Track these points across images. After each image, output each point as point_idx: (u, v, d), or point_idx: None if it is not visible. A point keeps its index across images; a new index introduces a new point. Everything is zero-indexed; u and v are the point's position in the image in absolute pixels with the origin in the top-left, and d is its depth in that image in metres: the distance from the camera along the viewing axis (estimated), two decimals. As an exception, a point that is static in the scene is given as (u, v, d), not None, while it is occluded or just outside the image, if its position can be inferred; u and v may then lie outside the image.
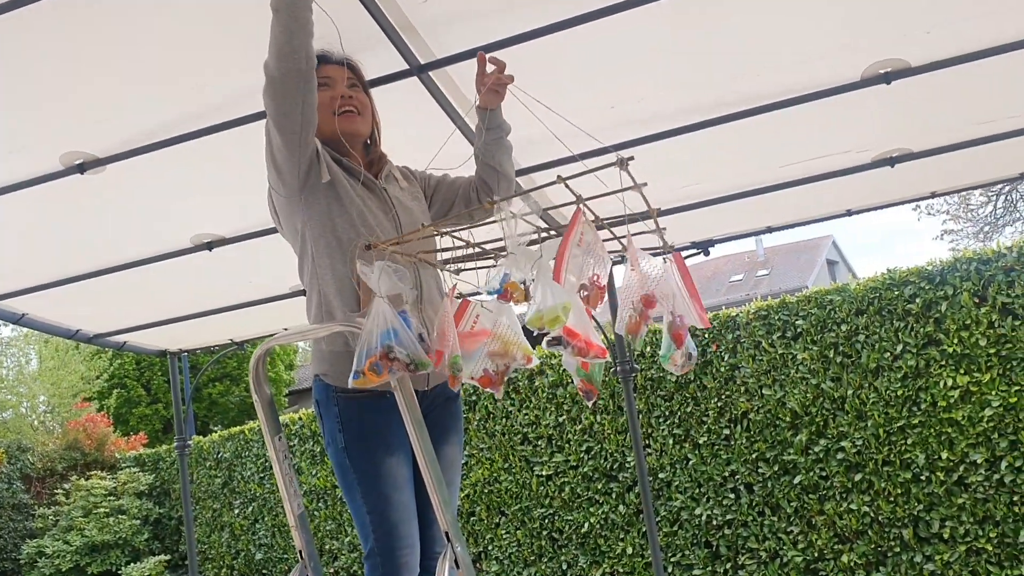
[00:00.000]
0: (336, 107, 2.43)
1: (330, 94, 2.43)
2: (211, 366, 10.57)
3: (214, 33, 2.46)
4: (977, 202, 18.54)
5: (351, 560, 8.56)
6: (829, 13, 2.63)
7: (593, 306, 2.06)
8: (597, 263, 2.04)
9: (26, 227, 3.51)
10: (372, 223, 2.37)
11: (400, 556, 2.37)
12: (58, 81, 2.54)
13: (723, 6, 2.56)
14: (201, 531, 10.13)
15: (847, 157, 3.58)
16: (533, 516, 7.22)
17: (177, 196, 3.39)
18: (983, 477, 5.26)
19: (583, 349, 2.10)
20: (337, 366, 2.40)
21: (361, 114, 2.48)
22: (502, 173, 2.62)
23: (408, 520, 2.39)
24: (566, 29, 2.50)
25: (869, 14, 2.65)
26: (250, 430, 9.84)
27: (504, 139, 2.59)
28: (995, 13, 2.66)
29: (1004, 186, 17.40)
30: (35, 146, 2.87)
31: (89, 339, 4.79)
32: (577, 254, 1.98)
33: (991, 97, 3.24)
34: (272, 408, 2.41)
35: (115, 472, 12.18)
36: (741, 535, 6.20)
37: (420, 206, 2.58)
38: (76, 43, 2.40)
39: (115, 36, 2.39)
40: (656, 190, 3.82)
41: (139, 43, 2.44)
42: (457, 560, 2.19)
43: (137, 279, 3.98)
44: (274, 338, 2.36)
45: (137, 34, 2.40)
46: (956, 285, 5.41)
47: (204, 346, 5.65)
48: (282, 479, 2.41)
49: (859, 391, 5.71)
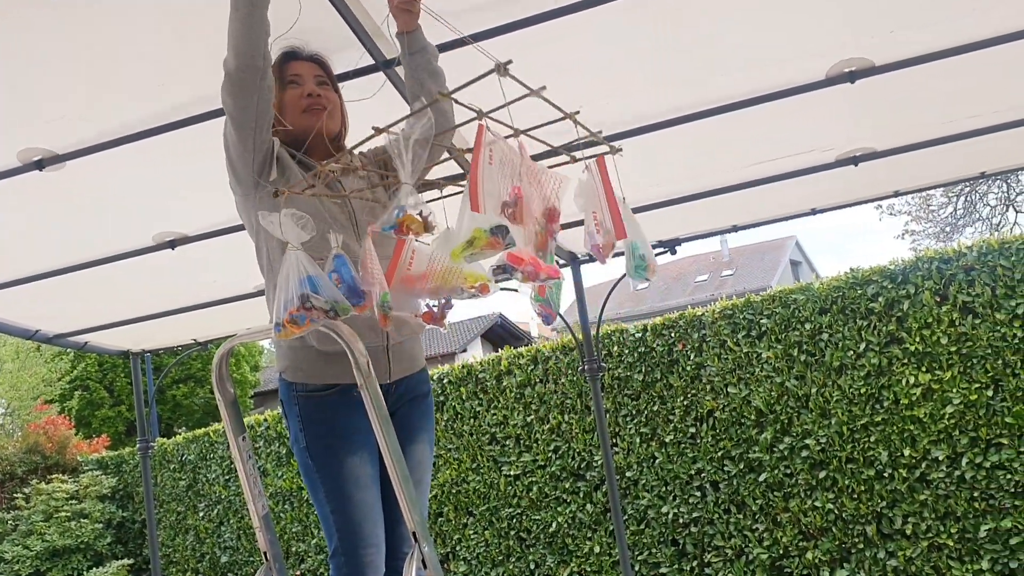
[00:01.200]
0: (304, 105, 2.41)
1: (299, 92, 2.41)
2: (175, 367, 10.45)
3: (175, 32, 2.43)
4: (938, 203, 18.82)
5: (318, 562, 8.50)
6: (796, 14, 2.65)
7: (521, 222, 1.85)
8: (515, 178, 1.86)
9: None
10: (327, 217, 2.35)
11: (364, 555, 2.35)
12: (14, 77, 2.49)
13: (691, 6, 2.56)
14: (165, 534, 10.01)
15: (812, 156, 3.61)
16: (501, 516, 7.20)
17: (139, 194, 3.34)
18: (944, 474, 5.33)
19: (532, 273, 1.97)
20: (296, 362, 2.38)
21: (329, 111, 2.45)
22: (427, 91, 2.39)
23: (373, 519, 2.37)
24: (533, 26, 2.50)
25: (836, 14, 2.67)
26: (215, 432, 9.73)
27: (431, 63, 2.41)
28: (955, 17, 2.70)
29: (964, 187, 17.69)
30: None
31: (49, 339, 4.71)
32: (493, 174, 1.80)
33: (952, 97, 3.29)
34: (236, 408, 2.38)
35: (77, 475, 11.99)
36: (707, 533, 6.23)
37: (377, 195, 2.51)
38: (32, 40, 2.35)
39: (73, 33, 2.35)
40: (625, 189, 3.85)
41: (98, 41, 2.40)
42: (425, 560, 2.18)
43: (98, 278, 3.91)
44: (237, 336, 2.33)
45: (97, 32, 2.36)
46: (918, 284, 5.48)
47: (167, 346, 5.58)
48: (246, 479, 2.38)
49: (823, 389, 5.76)
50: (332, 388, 2.34)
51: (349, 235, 2.36)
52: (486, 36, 2.51)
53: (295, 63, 2.43)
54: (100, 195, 3.30)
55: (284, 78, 2.41)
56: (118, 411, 18.07)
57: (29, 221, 3.47)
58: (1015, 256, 5.23)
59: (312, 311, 1.86)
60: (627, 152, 3.33)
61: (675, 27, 2.67)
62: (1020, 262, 5.19)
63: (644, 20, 2.61)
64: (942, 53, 2.85)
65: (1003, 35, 2.78)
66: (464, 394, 7.51)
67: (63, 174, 2.98)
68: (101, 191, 3.26)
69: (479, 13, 2.47)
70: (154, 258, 3.80)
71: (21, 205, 3.27)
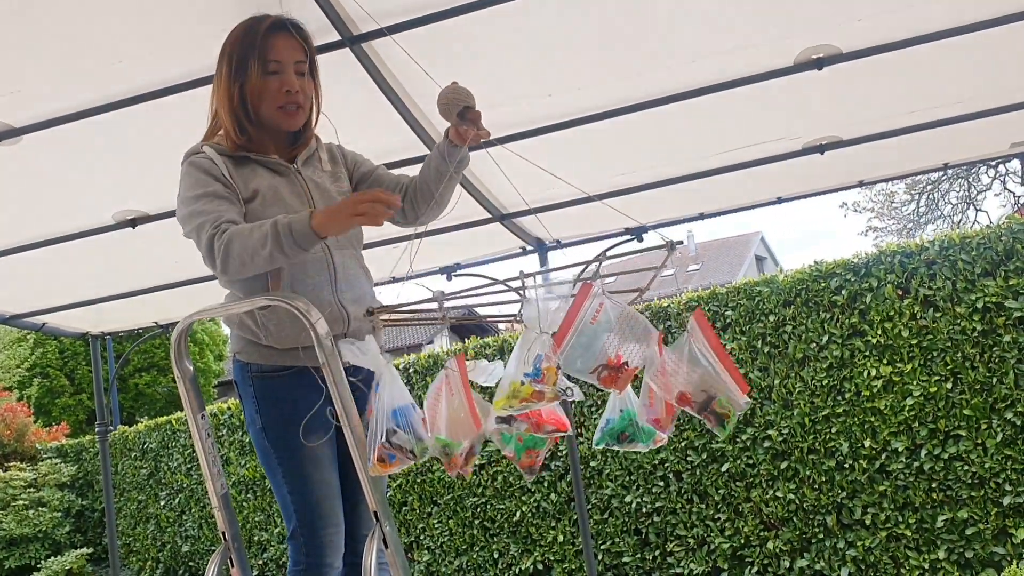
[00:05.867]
0: (281, 101, 2.31)
1: (277, 84, 2.30)
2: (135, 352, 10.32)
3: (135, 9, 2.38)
4: (901, 200, 19.08)
5: (280, 551, 8.44)
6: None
7: (620, 389, 2.05)
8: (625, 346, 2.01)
9: (-65, 201, 3.36)
10: (285, 204, 2.31)
11: (324, 535, 2.33)
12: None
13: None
14: (125, 523, 9.90)
15: (779, 144, 3.63)
16: (465, 505, 7.19)
17: (99, 170, 3.28)
18: (903, 465, 5.39)
19: (534, 426, 2.09)
20: (248, 347, 2.34)
21: (303, 107, 2.37)
22: (438, 201, 2.48)
23: (331, 498, 2.35)
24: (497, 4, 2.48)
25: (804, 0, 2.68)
26: (177, 419, 9.63)
27: (458, 175, 2.47)
28: (922, 3, 2.72)
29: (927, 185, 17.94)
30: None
31: (5, 320, 4.62)
32: (590, 331, 1.97)
33: (916, 87, 3.32)
34: (195, 384, 2.35)
35: (35, 463, 11.81)
36: (670, 522, 6.26)
37: (340, 187, 2.48)
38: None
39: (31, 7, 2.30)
40: (590, 176, 3.86)
41: (57, 17, 2.35)
42: (386, 539, 2.16)
43: (57, 257, 3.84)
44: (196, 313, 2.29)
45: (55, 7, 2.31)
46: (880, 277, 5.53)
47: (128, 329, 5.49)
48: (204, 458, 2.35)
49: (786, 380, 5.81)
50: (288, 369, 2.32)
51: None
52: (469, 9, 2.49)
53: (278, 40, 2.30)
54: (59, 171, 3.24)
55: (265, 58, 2.28)
56: (79, 399, 17.81)
57: (-16, 197, 3.40)
58: (976, 251, 5.29)
59: (397, 449, 1.96)
60: (595, 136, 3.35)
61: (640, 11, 2.67)
62: (980, 257, 5.26)
63: (609, 3, 2.60)
64: (907, 42, 2.87)
65: (967, 24, 2.81)
66: (431, 383, 7.47)
67: (20, 148, 2.92)
68: (60, 167, 3.20)
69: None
70: (114, 237, 3.73)
71: (-24, 180, 3.20)
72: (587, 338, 1.96)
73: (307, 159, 2.43)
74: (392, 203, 2.07)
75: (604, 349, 1.98)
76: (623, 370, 1.99)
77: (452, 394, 2.07)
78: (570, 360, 1.97)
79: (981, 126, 3.51)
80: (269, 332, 2.27)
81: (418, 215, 2.51)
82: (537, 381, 1.94)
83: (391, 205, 2.07)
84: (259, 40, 2.27)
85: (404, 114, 3.03)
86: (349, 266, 2.39)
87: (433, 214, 2.53)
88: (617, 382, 2.01)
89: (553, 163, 3.58)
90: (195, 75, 2.68)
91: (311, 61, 2.39)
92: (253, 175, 2.31)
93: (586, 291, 1.98)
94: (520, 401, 1.96)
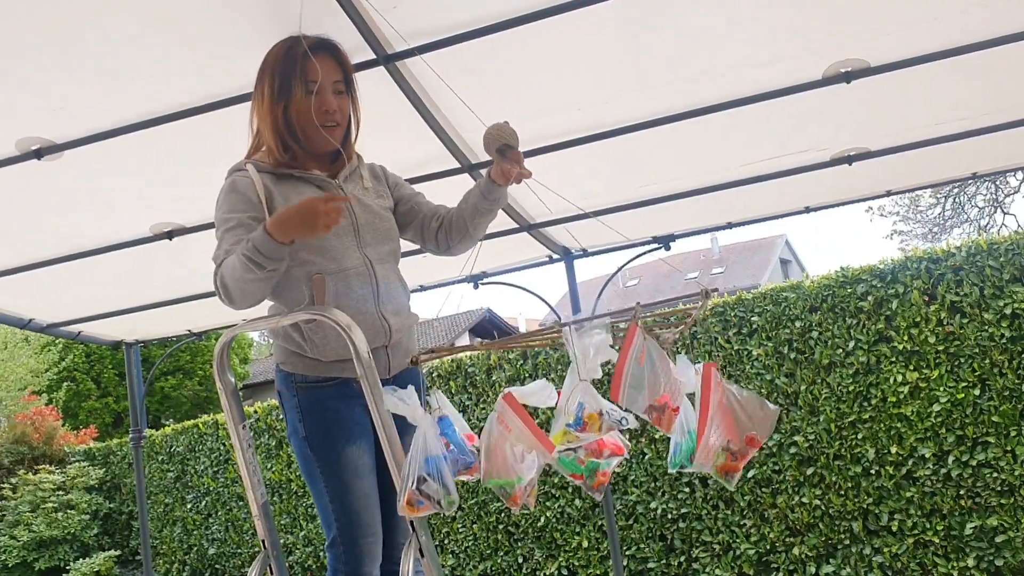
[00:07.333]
0: (321, 121, 2.35)
1: (316, 104, 2.34)
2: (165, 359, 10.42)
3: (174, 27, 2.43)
4: (926, 203, 18.93)
5: (306, 554, 8.51)
6: (794, 13, 2.68)
7: (667, 429, 2.08)
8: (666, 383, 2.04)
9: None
10: None
11: (363, 544, 2.37)
12: (13, 67, 2.48)
13: (688, 6, 2.59)
14: (153, 526, 10.00)
15: (806, 156, 3.64)
16: (489, 510, 7.24)
17: (137, 184, 3.34)
18: (931, 471, 5.38)
19: (594, 451, 2.13)
20: (293, 358, 2.39)
21: (341, 124, 2.42)
22: (470, 235, 2.55)
23: (370, 508, 2.39)
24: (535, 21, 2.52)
25: (832, 15, 2.70)
26: (204, 423, 9.72)
27: (493, 212, 2.52)
28: (948, 16, 2.73)
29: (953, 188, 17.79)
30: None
31: (42, 328, 4.70)
32: (639, 372, 2.00)
33: (944, 99, 3.33)
34: (236, 396, 2.40)
35: (64, 466, 11.97)
36: (695, 528, 6.27)
37: (383, 203, 2.53)
38: (32, 31, 2.35)
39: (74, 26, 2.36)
40: (618, 186, 3.89)
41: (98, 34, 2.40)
42: (422, 549, 2.20)
43: (95, 267, 3.90)
44: (239, 326, 2.35)
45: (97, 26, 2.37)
46: (907, 283, 5.53)
47: (162, 337, 5.57)
48: (245, 468, 2.40)
49: (812, 387, 5.81)
50: (331, 380, 2.36)
51: (350, 240, 2.38)
52: (499, 28, 2.54)
53: (317, 61, 2.33)
54: (98, 185, 3.30)
55: (305, 77, 2.32)
56: (105, 403, 18.03)
57: (26, 210, 3.46)
58: (1003, 257, 5.28)
59: (426, 497, 2.00)
60: (622, 149, 3.38)
61: (668, 28, 2.70)
62: (1008, 263, 5.25)
63: (638, 19, 2.63)
64: (935, 55, 2.88)
65: (994, 38, 2.81)
66: (453, 388, 7.53)
67: (61, 163, 2.98)
68: (99, 181, 3.26)
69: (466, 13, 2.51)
70: (150, 249, 3.80)
71: (19, 193, 3.26)
72: (636, 379, 2.00)
73: (349, 175, 2.48)
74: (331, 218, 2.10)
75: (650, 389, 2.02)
76: (665, 410, 2.02)
77: (510, 431, 2.10)
78: (629, 400, 2.02)
79: (1011, 136, 3.50)
80: (314, 344, 2.32)
81: (450, 245, 2.58)
82: (580, 430, 1.99)
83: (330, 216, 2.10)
84: (299, 61, 2.31)
85: (436, 129, 3.07)
86: (390, 279, 2.44)
87: (465, 246, 2.60)
88: (662, 422, 2.05)
89: (582, 174, 3.64)
90: (231, 93, 2.73)
91: (348, 80, 2.44)
92: (295, 191, 2.36)
93: (633, 332, 2.01)
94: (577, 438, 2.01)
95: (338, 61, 2.40)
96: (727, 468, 2.16)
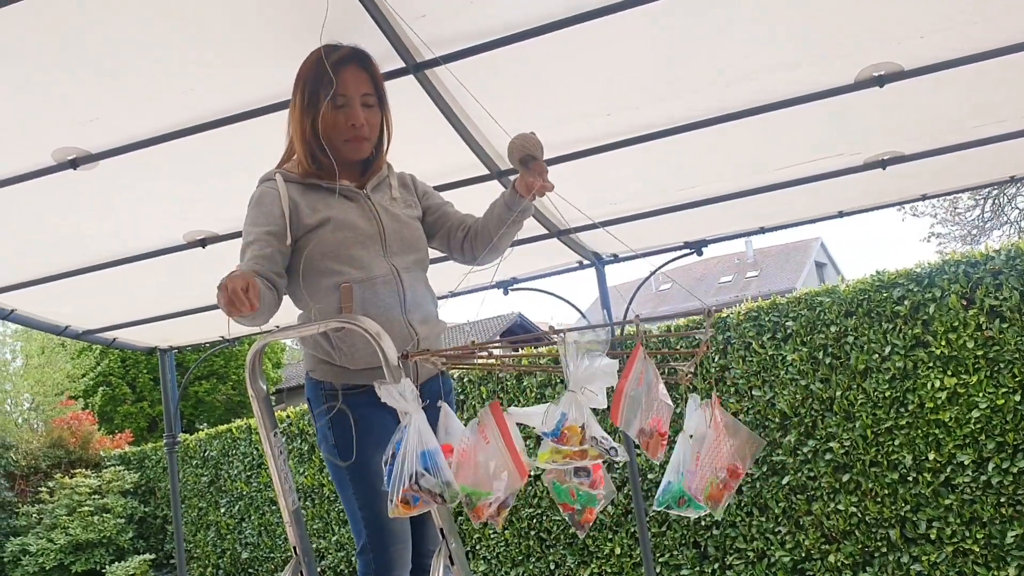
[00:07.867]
0: (348, 135, 2.37)
1: (344, 118, 2.36)
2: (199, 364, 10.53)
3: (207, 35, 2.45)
4: (965, 205, 18.61)
5: (338, 559, 8.55)
6: (826, 17, 2.65)
7: (653, 455, 2.05)
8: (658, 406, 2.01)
9: (17, 222, 3.48)
10: (351, 233, 2.37)
11: (392, 551, 2.38)
12: (48, 78, 2.52)
13: (720, 10, 2.57)
14: (187, 530, 10.09)
15: (840, 160, 3.60)
16: (521, 516, 7.22)
17: (171, 193, 3.38)
18: (970, 478, 5.29)
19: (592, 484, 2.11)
20: (322, 366, 2.40)
21: (369, 138, 2.43)
22: (496, 246, 2.54)
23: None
24: (562, 29, 2.51)
25: (865, 19, 2.67)
26: (237, 428, 9.80)
27: (518, 224, 2.52)
28: (986, 19, 2.69)
29: (992, 190, 17.49)
30: (27, 141, 2.84)
31: (78, 335, 4.77)
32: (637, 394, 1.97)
33: (980, 101, 3.27)
34: (268, 404, 2.41)
35: (100, 470, 12.13)
36: (729, 535, 6.22)
37: (410, 213, 2.54)
38: (66, 43, 2.38)
39: (107, 36, 2.38)
40: (650, 191, 3.87)
41: (129, 42, 2.43)
42: (452, 557, 2.20)
43: (129, 275, 3.95)
44: (271, 334, 2.36)
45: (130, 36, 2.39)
46: (944, 287, 5.45)
47: (195, 343, 5.62)
48: (277, 475, 2.41)
49: (847, 392, 5.74)
50: (360, 388, 2.37)
51: (376, 249, 2.39)
52: (527, 36, 2.53)
53: (347, 73, 2.35)
54: (133, 194, 3.35)
55: (332, 91, 2.32)
56: (140, 407, 18.23)
57: (62, 219, 3.51)
58: (1044, 260, 5.18)
59: (423, 492, 1.91)
60: (655, 154, 3.36)
61: (699, 33, 2.68)
62: (1048, 266, 5.15)
63: (673, 23, 2.62)
64: (971, 58, 2.84)
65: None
66: (485, 393, 7.53)
67: (96, 173, 3.02)
68: (134, 190, 3.30)
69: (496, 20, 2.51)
70: (183, 256, 3.84)
71: (55, 203, 3.31)
72: (633, 400, 1.97)
73: (377, 185, 2.49)
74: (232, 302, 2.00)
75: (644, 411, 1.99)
76: (653, 435, 1.99)
77: (488, 442, 2.07)
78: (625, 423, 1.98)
79: (1050, 138, 3.45)
80: (343, 352, 2.33)
81: (475, 256, 2.57)
82: (557, 440, 1.92)
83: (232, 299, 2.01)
84: (327, 74, 2.31)
85: (465, 136, 3.07)
86: (417, 287, 2.45)
87: (490, 258, 2.60)
88: (649, 447, 2.02)
89: (614, 179, 3.62)
90: (263, 103, 2.75)
91: (379, 92, 2.44)
92: (323, 202, 2.37)
93: (635, 355, 1.97)
94: (564, 457, 1.96)
95: (369, 74, 2.41)
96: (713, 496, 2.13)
